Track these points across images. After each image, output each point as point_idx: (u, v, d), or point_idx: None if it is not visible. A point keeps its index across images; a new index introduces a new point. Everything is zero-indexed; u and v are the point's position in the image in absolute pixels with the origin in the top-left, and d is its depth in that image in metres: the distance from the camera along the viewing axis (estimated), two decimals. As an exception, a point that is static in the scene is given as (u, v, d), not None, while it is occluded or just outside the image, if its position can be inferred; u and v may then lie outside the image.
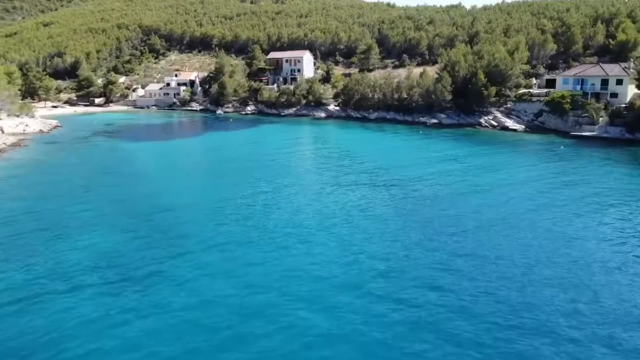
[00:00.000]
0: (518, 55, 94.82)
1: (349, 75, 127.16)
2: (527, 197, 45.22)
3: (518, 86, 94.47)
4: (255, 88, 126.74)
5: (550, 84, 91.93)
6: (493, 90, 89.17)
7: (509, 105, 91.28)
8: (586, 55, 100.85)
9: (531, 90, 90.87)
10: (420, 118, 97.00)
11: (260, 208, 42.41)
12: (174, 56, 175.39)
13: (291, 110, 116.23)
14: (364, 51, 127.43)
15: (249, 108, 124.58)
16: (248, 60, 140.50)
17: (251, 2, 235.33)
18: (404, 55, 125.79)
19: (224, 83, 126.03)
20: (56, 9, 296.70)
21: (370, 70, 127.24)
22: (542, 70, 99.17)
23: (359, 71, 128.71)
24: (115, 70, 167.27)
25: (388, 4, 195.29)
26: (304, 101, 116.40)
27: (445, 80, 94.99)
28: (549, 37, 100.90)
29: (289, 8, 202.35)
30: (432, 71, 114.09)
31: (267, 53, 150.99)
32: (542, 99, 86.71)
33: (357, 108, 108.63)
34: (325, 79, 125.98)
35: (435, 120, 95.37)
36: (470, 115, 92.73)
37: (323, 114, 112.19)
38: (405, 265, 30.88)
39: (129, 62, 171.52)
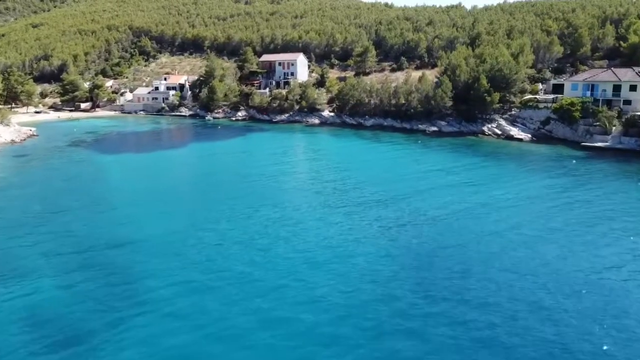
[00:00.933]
0: (523, 58, 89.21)
1: (344, 79, 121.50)
2: (535, 222, 39.80)
3: (523, 92, 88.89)
4: (247, 93, 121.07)
5: (558, 89, 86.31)
6: (497, 96, 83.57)
7: (513, 112, 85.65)
8: (595, 58, 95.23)
9: (537, 97, 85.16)
10: (419, 125, 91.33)
11: (232, 243, 36.75)
12: (164, 58, 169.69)
13: (283, 116, 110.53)
14: (360, 54, 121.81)
15: (240, 114, 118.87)
16: (240, 63, 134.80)
17: (246, 3, 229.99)
18: (402, 58, 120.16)
19: (214, 87, 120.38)
20: (49, 10, 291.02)
21: (366, 74, 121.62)
22: (548, 74, 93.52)
23: (355, 74, 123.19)
24: (104, 73, 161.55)
25: (386, 4, 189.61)
26: (297, 107, 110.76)
27: (445, 86, 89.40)
28: (555, 39, 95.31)
29: (284, 9, 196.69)
30: (431, 75, 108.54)
31: (260, 55, 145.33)
32: (549, 105, 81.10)
33: (352, 114, 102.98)
34: (320, 82, 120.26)
35: (435, 128, 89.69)
36: (473, 123, 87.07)
37: (317, 120, 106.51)
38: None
39: (117, 64, 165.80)
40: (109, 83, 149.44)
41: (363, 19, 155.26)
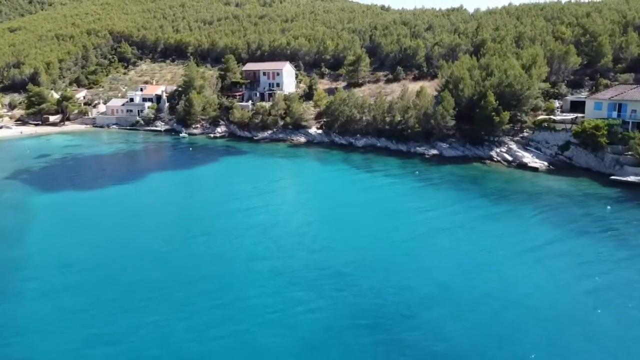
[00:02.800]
0: (536, 71, 77.77)
1: (335, 90, 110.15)
2: (569, 318, 28.54)
3: (536, 109, 77.48)
4: (227, 106, 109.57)
5: (577, 107, 74.91)
6: (506, 115, 72.11)
7: (526, 135, 74.18)
8: (617, 70, 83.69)
9: (553, 117, 73.63)
10: (417, 148, 79.84)
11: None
12: (145, 66, 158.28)
13: (266, 134, 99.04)
14: (353, 62, 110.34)
15: (219, 129, 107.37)
16: (221, 72, 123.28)
17: (236, 5, 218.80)
18: (399, 68, 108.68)
19: (191, 100, 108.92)
20: (36, 12, 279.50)
21: (359, 85, 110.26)
22: (564, 88, 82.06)
23: (347, 85, 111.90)
24: (78, 82, 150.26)
25: (382, 7, 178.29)
26: (281, 122, 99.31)
27: (446, 103, 77.96)
28: (571, 48, 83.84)
29: (274, 12, 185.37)
30: (431, 87, 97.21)
31: (247, 62, 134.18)
32: (568, 127, 69.61)
33: (342, 132, 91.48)
34: (308, 95, 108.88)
35: (435, 151, 78.21)
36: (479, 146, 75.60)
37: (303, 139, 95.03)
38: None
39: (94, 72, 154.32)
40: (82, 93, 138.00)
41: (357, 24, 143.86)
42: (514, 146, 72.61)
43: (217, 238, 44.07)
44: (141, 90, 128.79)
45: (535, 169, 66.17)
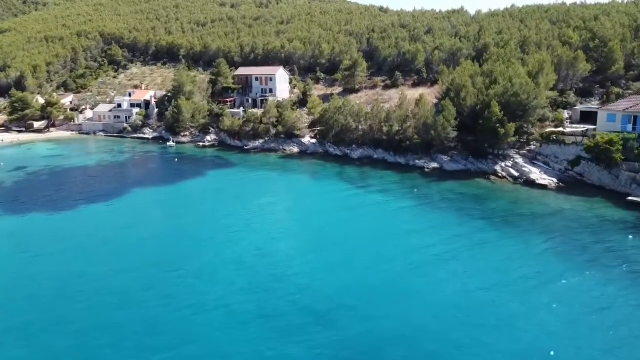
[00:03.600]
0: (543, 79, 72.73)
1: (330, 96, 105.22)
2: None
3: (543, 120, 72.45)
4: (217, 113, 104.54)
5: (587, 118, 69.93)
6: (512, 127, 67.09)
7: (533, 148, 69.18)
8: (629, 77, 78.70)
9: (562, 129, 68.57)
10: (417, 161, 74.86)
11: None
12: (135, 69, 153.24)
13: (258, 143, 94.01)
14: (349, 67, 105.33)
15: (209, 138, 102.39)
16: (212, 77, 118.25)
17: (232, 7, 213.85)
18: (397, 73, 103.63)
19: (180, 107, 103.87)
20: (30, 13, 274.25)
21: (356, 91, 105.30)
22: (572, 97, 77.03)
23: (343, 91, 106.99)
24: (66, 86, 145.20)
25: (380, 9, 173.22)
26: (273, 131, 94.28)
27: (448, 112, 72.98)
28: (580, 55, 78.81)
29: (270, 13, 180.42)
30: (431, 94, 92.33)
31: (240, 66, 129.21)
32: (578, 140, 64.62)
33: (337, 142, 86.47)
34: (302, 101, 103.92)
35: (435, 165, 73.23)
36: (482, 160, 70.61)
37: (296, 149, 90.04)
38: None
39: (82, 76, 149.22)
40: (69, 98, 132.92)
41: (354, 26, 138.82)
42: (520, 160, 67.61)
43: (190, 273, 39.10)
44: (129, 95, 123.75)
45: (544, 187, 61.14)
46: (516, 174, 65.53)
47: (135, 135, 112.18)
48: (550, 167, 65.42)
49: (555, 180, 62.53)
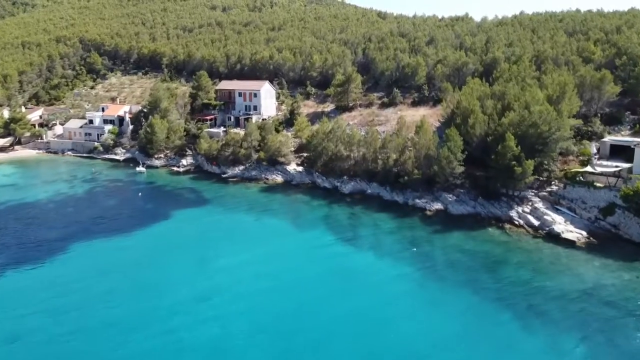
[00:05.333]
0: (566, 105, 61.86)
1: (322, 114, 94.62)
2: None
3: (566, 154, 61.70)
4: (194, 134, 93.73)
5: (619, 152, 59.20)
6: (530, 165, 56.28)
7: (554, 188, 58.37)
8: (664, 102, 68.04)
9: (590, 168, 57.72)
10: (417, 200, 64.03)
11: None
12: (114, 79, 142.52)
13: (237, 170, 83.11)
14: (342, 83, 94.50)
15: (184, 161, 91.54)
16: (192, 92, 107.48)
17: (223, 10, 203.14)
18: (395, 90, 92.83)
19: (153, 126, 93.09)
20: (18, 14, 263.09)
21: (349, 109, 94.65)
22: (598, 125, 66.15)
23: (335, 109, 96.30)
24: (37, 98, 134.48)
25: (379, 14, 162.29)
26: (255, 156, 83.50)
27: (453, 143, 62.16)
28: (607, 75, 67.95)
29: (261, 18, 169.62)
30: (433, 116, 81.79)
31: (225, 78, 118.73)
32: (611, 182, 53.88)
33: (326, 172, 75.70)
34: (289, 120, 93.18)
35: (439, 206, 62.42)
36: (494, 202, 59.77)
37: (280, 178, 79.27)
38: None
39: (56, 87, 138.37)
40: (38, 112, 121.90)
41: (350, 34, 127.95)
42: (540, 205, 56.76)
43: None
44: (102, 110, 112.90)
45: (571, 243, 50.27)
46: (536, 222, 54.66)
47: (106, 156, 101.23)
48: (577, 214, 54.64)
49: (584, 233, 51.70)
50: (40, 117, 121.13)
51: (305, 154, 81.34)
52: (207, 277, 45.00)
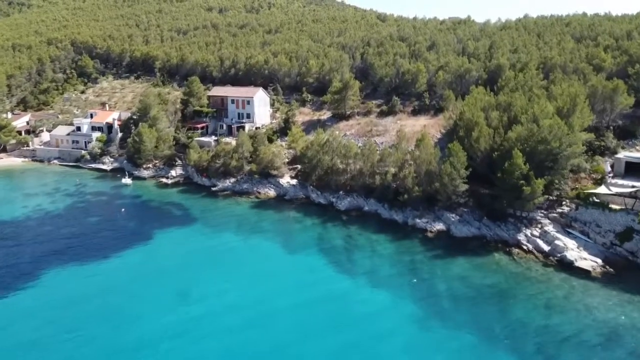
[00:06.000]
0: (577, 119, 57.61)
1: (317, 123, 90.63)
2: None
3: (577, 171, 57.47)
4: (184, 143, 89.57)
5: (635, 170, 54.95)
6: (540, 185, 52.04)
7: (566, 210, 54.11)
8: (680, 114, 63.80)
9: (605, 189, 53.46)
10: (417, 220, 59.74)
11: None
12: (106, 83, 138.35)
13: (228, 182, 78.88)
14: (339, 90, 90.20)
15: (174, 172, 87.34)
16: (184, 97, 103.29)
17: (219, 11, 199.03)
18: (395, 98, 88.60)
19: (141, 135, 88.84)
20: (13, 15, 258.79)
21: (346, 117, 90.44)
22: (611, 139, 61.91)
23: (332, 117, 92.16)
24: (25, 103, 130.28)
25: (378, 16, 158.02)
26: (247, 167, 79.30)
27: (457, 159, 57.94)
28: (620, 85, 63.73)
29: (257, 20, 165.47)
30: (434, 126, 77.78)
31: (219, 82, 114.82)
32: (627, 204, 49.67)
33: (321, 187, 71.46)
34: (283, 129, 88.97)
35: (441, 226, 58.17)
36: (501, 224, 55.53)
37: (272, 192, 75.05)
38: None
39: (45, 91, 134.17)
40: (25, 118, 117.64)
41: (348, 38, 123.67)
42: (550, 228, 52.51)
43: None
44: (90, 117, 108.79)
45: (585, 272, 46.02)
46: (546, 247, 50.39)
47: (93, 166, 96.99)
48: (591, 239, 50.41)
49: (599, 261, 47.45)
50: (28, 123, 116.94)
51: (299, 167, 77.09)
52: (184, 310, 40.89)
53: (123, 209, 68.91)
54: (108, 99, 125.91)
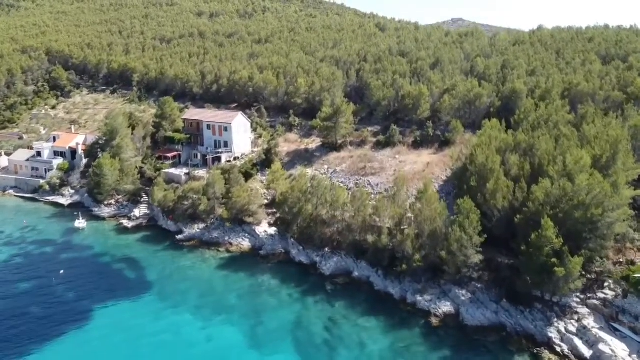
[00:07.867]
0: (621, 174, 45.59)
1: (305, 153, 78.98)
2: None
3: (622, 240, 45.52)
4: (150, 177, 77.88)
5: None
6: (578, 264, 40.17)
7: (609, 296, 42.16)
8: None
9: (662, 268, 41.58)
10: (418, 297, 47.85)
11: None
12: (79, 97, 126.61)
13: (196, 229, 67.15)
14: (330, 116, 78.22)
15: (137, 212, 75.62)
16: (156, 120, 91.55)
17: (210, 16, 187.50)
18: (393, 127, 76.61)
19: (102, 167, 77.10)
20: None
21: (338, 148, 78.51)
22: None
23: (322, 146, 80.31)
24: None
25: (377, 24, 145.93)
26: (219, 211, 67.53)
27: (468, 221, 46.08)
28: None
29: (248, 28, 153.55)
30: (439, 164, 66.26)
31: (198, 100, 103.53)
32: (695, 298, 37.75)
33: (303, 241, 59.61)
34: (265, 162, 77.09)
35: (448, 307, 46.26)
36: (524, 310, 43.59)
37: (246, 243, 63.36)
38: None
39: (12, 107, 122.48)
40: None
41: (343, 51, 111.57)
42: (590, 321, 40.58)
43: None
44: (53, 140, 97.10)
45: (646, 399, 34.19)
46: (587, 353, 38.49)
47: (50, 199, 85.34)
48: (645, 340, 38.55)
49: (661, 378, 35.59)
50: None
51: (278, 214, 65.19)
52: None
53: (62, 271, 56.86)
54: (78, 117, 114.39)
